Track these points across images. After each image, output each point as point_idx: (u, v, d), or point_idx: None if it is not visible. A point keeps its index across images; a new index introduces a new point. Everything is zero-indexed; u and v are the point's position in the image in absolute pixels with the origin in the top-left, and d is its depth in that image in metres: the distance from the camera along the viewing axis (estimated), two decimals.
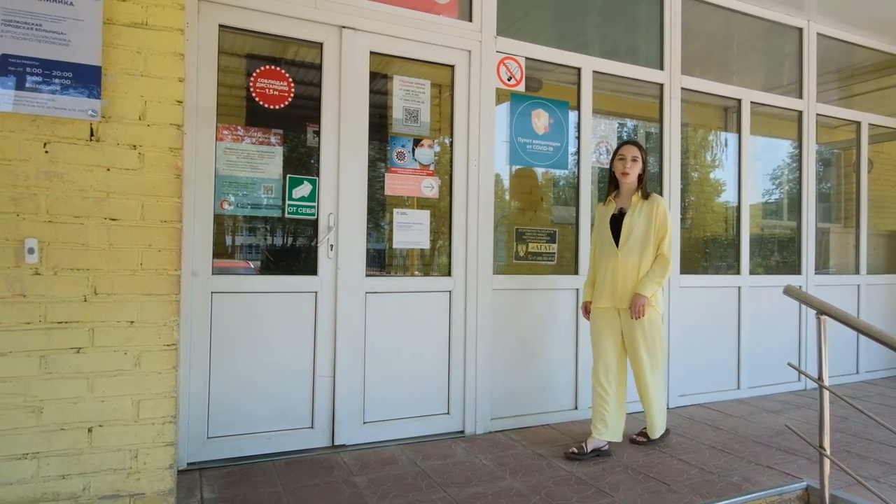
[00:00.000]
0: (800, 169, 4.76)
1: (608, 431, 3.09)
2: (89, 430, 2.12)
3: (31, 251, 2.03)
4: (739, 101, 4.46)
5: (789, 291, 2.44)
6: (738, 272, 4.43)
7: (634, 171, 3.12)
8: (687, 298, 4.13)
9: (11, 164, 2.03)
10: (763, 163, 4.81)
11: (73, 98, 2.09)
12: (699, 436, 3.44)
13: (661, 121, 4.12)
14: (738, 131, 4.48)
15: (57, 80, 2.07)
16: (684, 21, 4.16)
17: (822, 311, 2.28)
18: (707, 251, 4.67)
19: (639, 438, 3.26)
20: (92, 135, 2.13)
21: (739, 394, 4.34)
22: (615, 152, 3.18)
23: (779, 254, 4.95)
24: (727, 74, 4.55)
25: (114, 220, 2.16)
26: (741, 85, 4.48)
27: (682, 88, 4.15)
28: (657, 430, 3.23)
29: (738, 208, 4.47)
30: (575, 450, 3.02)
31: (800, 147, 4.77)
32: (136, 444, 2.18)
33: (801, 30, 4.73)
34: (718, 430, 3.57)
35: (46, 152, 2.07)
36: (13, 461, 2.03)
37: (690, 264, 4.38)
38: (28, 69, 2.03)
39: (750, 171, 4.52)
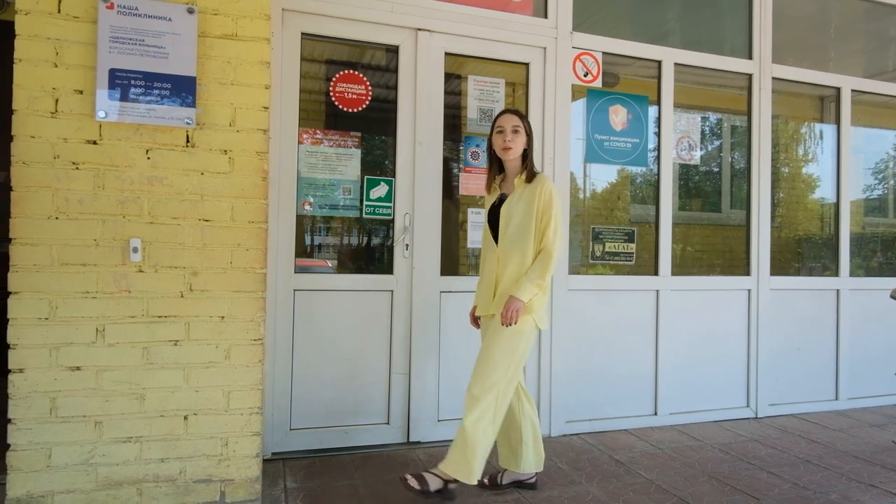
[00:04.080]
0: None
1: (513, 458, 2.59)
2: (185, 417, 2.27)
3: (135, 250, 2.20)
4: (838, 89, 4.14)
5: None
6: (836, 274, 4.12)
7: (518, 144, 2.52)
8: (777, 301, 3.88)
9: (118, 170, 2.20)
10: (865, 156, 4.44)
11: (172, 107, 2.23)
12: (792, 448, 3.23)
13: (749, 113, 3.90)
14: (837, 122, 4.16)
15: (157, 91, 2.23)
16: (775, 5, 3.91)
17: None
18: (799, 251, 4.37)
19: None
20: (188, 141, 2.27)
21: (837, 405, 4.03)
22: (492, 125, 2.60)
23: (883, 254, 4.55)
24: (824, 61, 4.23)
25: (207, 221, 2.29)
26: (840, 72, 4.16)
27: (773, 78, 3.90)
28: (453, 468, 2.38)
29: (837, 205, 4.15)
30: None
31: None
32: (227, 433, 2.31)
33: None
34: (814, 443, 3.33)
35: (148, 158, 2.23)
36: (119, 444, 2.20)
37: (781, 265, 4.11)
38: (132, 81, 2.20)
39: (850, 164, 4.19)
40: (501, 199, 2.58)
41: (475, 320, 2.70)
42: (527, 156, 2.57)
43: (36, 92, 2.11)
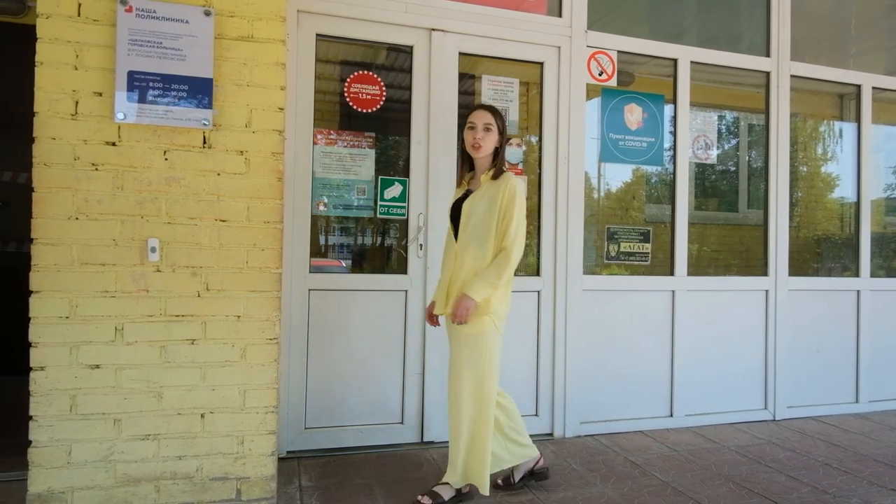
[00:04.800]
0: None
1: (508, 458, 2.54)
2: (202, 415, 2.29)
3: (153, 250, 2.22)
4: (859, 87, 4.07)
5: None
6: (856, 274, 4.05)
7: (488, 142, 2.46)
8: (796, 302, 3.83)
9: (137, 171, 2.22)
10: (886, 154, 4.36)
11: (189, 109, 2.26)
12: (811, 451, 3.18)
13: (766, 112, 3.85)
14: (858, 120, 4.09)
15: (174, 93, 2.25)
16: (794, 1, 3.85)
17: None
18: (818, 251, 4.30)
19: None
20: (204, 142, 2.29)
21: (858, 408, 3.96)
22: (466, 119, 2.55)
23: None
24: (843, 58, 4.16)
25: (223, 221, 2.31)
26: (860, 69, 4.09)
27: (792, 76, 3.85)
28: (462, 476, 2.41)
29: (858, 204, 4.08)
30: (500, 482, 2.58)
31: None
32: (243, 431, 2.33)
33: None
34: (833, 446, 3.28)
35: (166, 159, 2.25)
36: (138, 441, 2.23)
37: (800, 266, 4.05)
38: (151, 84, 2.22)
39: (871, 163, 4.12)
40: (466, 195, 2.53)
41: (431, 317, 2.62)
42: (498, 153, 2.51)
43: (56, 94, 2.14)
